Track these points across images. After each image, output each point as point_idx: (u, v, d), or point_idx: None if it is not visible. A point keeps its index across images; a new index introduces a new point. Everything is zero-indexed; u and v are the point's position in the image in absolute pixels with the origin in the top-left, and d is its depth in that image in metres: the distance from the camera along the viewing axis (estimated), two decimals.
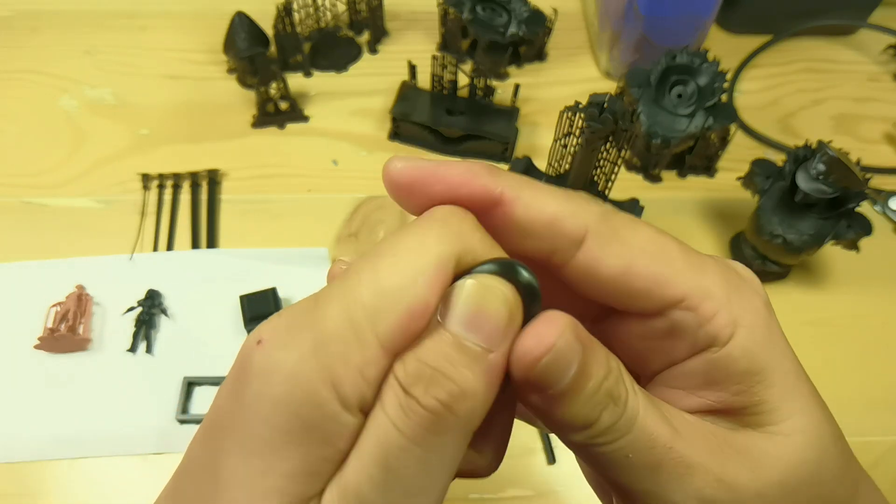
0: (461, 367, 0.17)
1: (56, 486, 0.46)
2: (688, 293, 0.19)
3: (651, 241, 0.19)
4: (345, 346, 0.16)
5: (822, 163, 0.49)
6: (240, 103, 0.66)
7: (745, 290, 0.20)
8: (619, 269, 0.19)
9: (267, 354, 0.17)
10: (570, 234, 0.19)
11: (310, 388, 0.16)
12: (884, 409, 0.52)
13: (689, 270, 0.19)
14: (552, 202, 0.19)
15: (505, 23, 0.65)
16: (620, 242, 0.19)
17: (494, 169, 0.19)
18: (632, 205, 0.53)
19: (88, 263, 0.55)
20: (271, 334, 0.17)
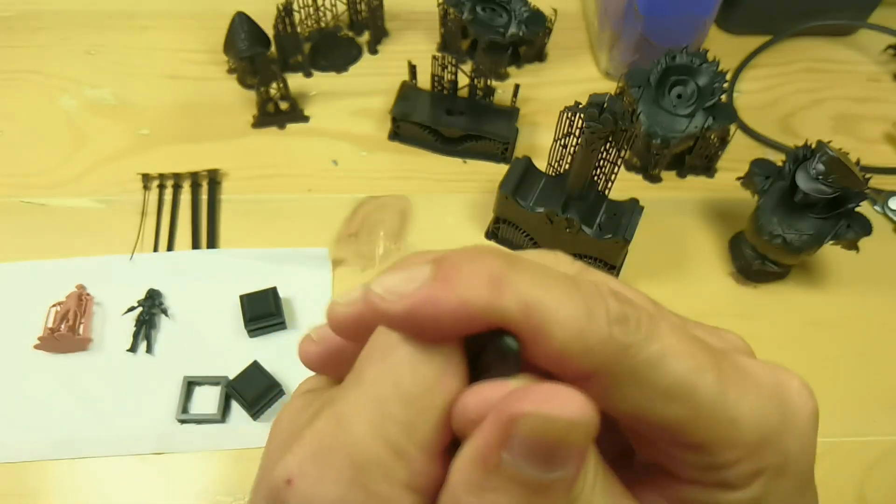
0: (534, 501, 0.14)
1: (56, 486, 0.46)
2: (709, 440, 0.16)
3: (679, 380, 0.16)
4: (388, 468, 0.15)
5: (822, 163, 0.49)
6: (240, 103, 0.66)
7: (788, 431, 0.17)
8: (628, 412, 0.16)
9: (303, 496, 0.15)
10: (575, 375, 0.15)
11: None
12: (884, 409, 0.52)
13: (717, 412, 0.16)
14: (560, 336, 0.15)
15: (505, 23, 0.65)
16: (638, 385, 0.16)
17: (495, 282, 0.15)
18: (631, 204, 0.54)
19: (89, 263, 0.55)
20: (300, 469, 0.15)
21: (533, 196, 0.54)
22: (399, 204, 0.60)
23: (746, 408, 0.16)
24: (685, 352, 0.16)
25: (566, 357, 0.15)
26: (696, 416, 0.16)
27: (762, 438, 0.16)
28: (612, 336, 0.15)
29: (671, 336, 0.16)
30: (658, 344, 0.16)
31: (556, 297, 0.15)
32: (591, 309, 0.15)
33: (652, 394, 0.16)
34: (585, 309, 0.15)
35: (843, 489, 0.49)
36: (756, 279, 0.57)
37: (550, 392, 0.14)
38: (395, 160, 0.63)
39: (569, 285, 0.15)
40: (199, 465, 0.47)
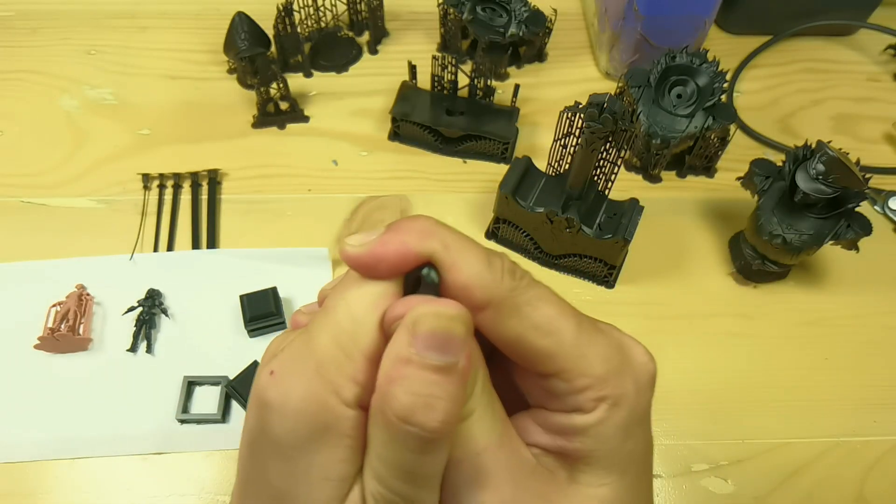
0: (447, 385, 0.20)
1: (56, 486, 0.46)
2: (564, 368, 0.22)
3: (547, 319, 0.22)
4: (339, 364, 0.21)
5: (822, 163, 0.49)
6: (240, 103, 0.66)
7: (623, 375, 0.23)
8: (510, 339, 0.22)
9: (280, 383, 0.21)
10: (475, 303, 0.22)
11: (319, 398, 0.21)
12: (884, 409, 0.52)
13: (574, 348, 0.22)
14: (464, 272, 0.22)
15: (505, 23, 0.65)
16: (517, 318, 0.22)
17: (425, 230, 0.22)
18: (631, 204, 0.54)
19: (89, 263, 0.55)
20: (280, 366, 0.22)
21: (533, 196, 0.54)
22: (399, 204, 0.60)
23: (595, 349, 0.22)
24: (554, 303, 0.22)
25: (470, 287, 0.21)
26: (558, 349, 0.22)
27: (606, 373, 0.22)
28: (502, 279, 0.22)
29: (545, 291, 0.23)
30: (535, 292, 0.22)
31: (467, 246, 0.22)
32: (490, 259, 0.22)
33: (528, 326, 0.22)
34: (486, 257, 0.22)
35: (843, 489, 0.49)
36: (756, 279, 0.57)
37: (439, 300, 0.21)
38: (395, 160, 0.63)
39: (477, 244, 0.22)
40: (199, 465, 0.47)
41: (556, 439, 0.23)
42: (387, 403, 0.20)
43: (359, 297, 0.22)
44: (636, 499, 0.24)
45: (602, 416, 0.22)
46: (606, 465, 0.23)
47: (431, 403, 0.19)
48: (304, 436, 0.21)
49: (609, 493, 0.23)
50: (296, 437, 0.21)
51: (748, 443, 0.50)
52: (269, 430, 0.21)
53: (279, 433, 0.21)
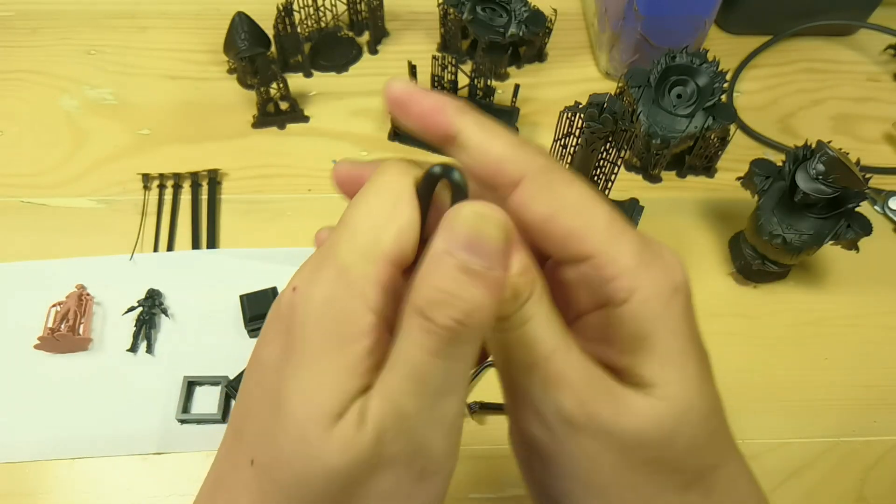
0: (470, 287, 0.20)
1: (56, 486, 0.46)
2: (597, 252, 0.21)
3: (580, 199, 0.22)
4: (361, 268, 0.21)
5: (822, 163, 0.49)
6: (240, 103, 0.66)
7: (656, 267, 0.22)
8: (543, 216, 0.21)
9: (304, 292, 0.21)
10: (509, 177, 0.21)
11: (341, 303, 0.20)
12: (884, 409, 0.52)
13: (606, 234, 0.21)
14: (499, 146, 0.22)
15: (505, 23, 0.65)
16: (551, 193, 0.21)
17: (462, 108, 0.22)
18: (631, 204, 0.54)
19: (89, 263, 0.55)
20: (302, 280, 0.22)
21: None
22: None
23: (626, 238, 0.21)
24: (586, 187, 0.22)
25: (504, 160, 0.21)
26: (590, 230, 0.21)
27: (636, 264, 0.21)
28: (537, 156, 0.22)
29: (576, 177, 0.22)
30: (567, 174, 0.22)
31: (497, 125, 0.22)
32: (523, 140, 0.22)
33: (561, 204, 0.21)
34: (517, 136, 0.22)
35: (843, 489, 0.49)
36: (756, 279, 0.57)
37: (477, 202, 0.20)
38: None
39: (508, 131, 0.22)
40: (199, 465, 0.47)
41: (600, 349, 0.22)
42: (413, 294, 0.20)
43: (377, 203, 0.22)
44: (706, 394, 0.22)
45: (634, 308, 0.21)
46: (663, 361, 0.21)
47: (451, 302, 0.19)
48: (320, 342, 0.20)
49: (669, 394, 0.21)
50: (316, 343, 0.20)
51: (748, 443, 0.50)
52: (289, 342, 0.21)
53: (294, 341, 0.21)
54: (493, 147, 0.22)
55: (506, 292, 0.21)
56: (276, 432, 0.21)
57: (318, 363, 0.20)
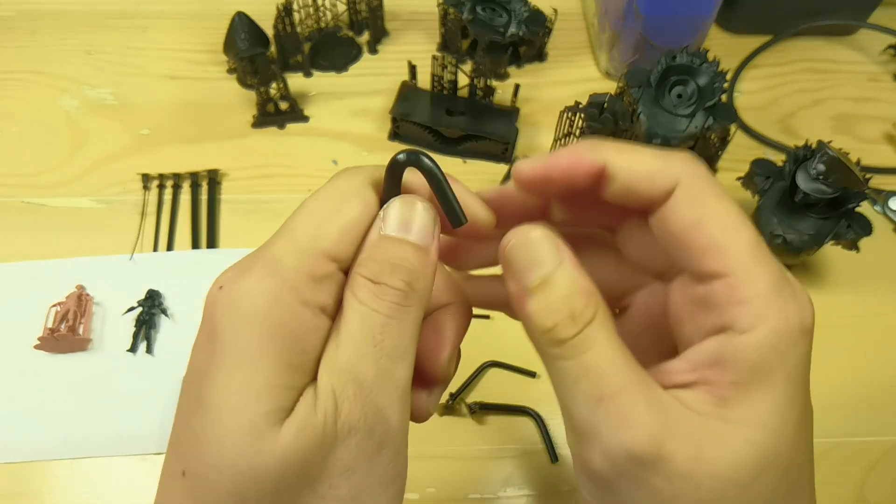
0: (412, 254, 0.22)
1: (56, 486, 0.46)
2: (734, 271, 0.21)
3: (728, 215, 0.21)
4: (293, 261, 0.21)
5: (822, 163, 0.49)
6: (240, 103, 0.66)
7: (790, 303, 0.21)
8: (689, 223, 0.21)
9: (230, 290, 0.21)
10: (662, 187, 0.22)
11: (272, 297, 0.21)
12: (884, 409, 0.52)
13: (747, 255, 0.21)
14: (647, 160, 0.22)
15: (505, 23, 0.65)
16: (702, 202, 0.21)
17: (595, 144, 0.23)
18: None
19: (88, 263, 0.55)
20: (228, 276, 0.22)
21: None
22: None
23: (766, 266, 0.21)
24: (735, 206, 0.22)
25: (653, 172, 0.22)
26: (733, 247, 0.21)
27: (772, 293, 0.20)
28: (688, 164, 0.22)
29: (726, 193, 0.22)
30: (718, 187, 0.22)
31: (638, 146, 0.23)
32: (670, 152, 0.22)
33: (709, 214, 0.21)
34: (667, 151, 0.22)
35: (843, 489, 0.49)
36: None
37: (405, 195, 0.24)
38: None
39: (651, 148, 0.23)
40: None
41: (701, 369, 0.21)
42: (358, 268, 0.22)
43: (319, 204, 0.23)
44: (792, 449, 0.21)
45: (759, 338, 0.20)
46: (755, 399, 0.20)
47: (399, 266, 0.22)
48: (256, 339, 0.20)
49: (765, 439, 0.20)
50: (247, 343, 0.20)
51: None
52: (216, 343, 0.21)
53: (226, 342, 0.20)
54: (641, 163, 0.22)
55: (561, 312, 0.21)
56: (204, 439, 0.20)
57: (248, 363, 0.20)
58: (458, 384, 0.50)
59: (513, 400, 0.50)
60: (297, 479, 0.20)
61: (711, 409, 0.21)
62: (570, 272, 0.22)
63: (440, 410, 0.49)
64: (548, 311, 0.22)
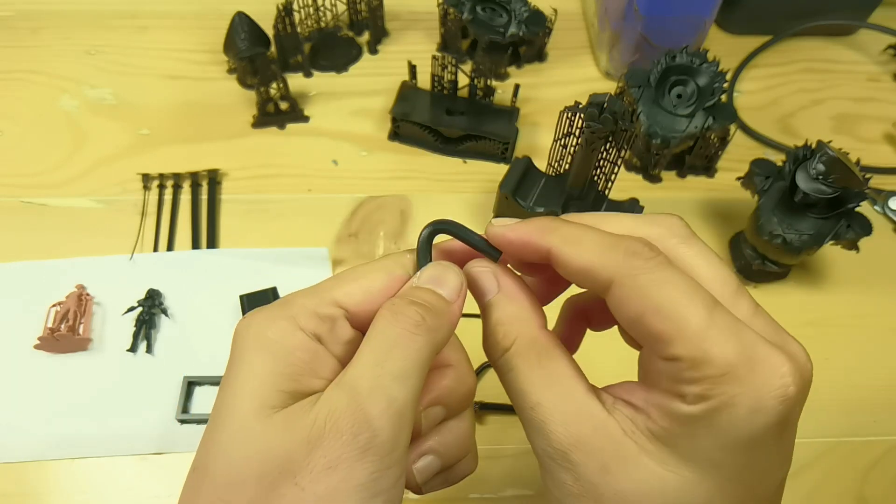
0: (432, 297, 0.25)
1: (56, 486, 0.46)
2: (680, 356, 0.22)
3: (671, 303, 0.22)
4: (303, 299, 0.25)
5: (822, 163, 0.49)
6: (240, 103, 0.66)
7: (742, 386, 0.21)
8: (630, 318, 0.23)
9: (248, 320, 0.25)
10: (600, 283, 0.24)
11: (273, 321, 0.24)
12: (884, 409, 0.52)
13: (693, 339, 0.21)
14: (585, 256, 0.24)
15: (505, 23, 0.65)
16: (638, 296, 0.22)
17: (550, 227, 0.25)
18: (631, 205, 0.54)
19: (88, 263, 0.55)
20: (252, 311, 0.26)
21: (533, 196, 0.54)
22: (399, 204, 0.60)
23: (719, 347, 0.21)
24: (685, 290, 0.22)
25: (588, 269, 0.24)
26: (676, 334, 0.21)
27: (719, 375, 0.21)
28: (624, 260, 0.23)
29: (679, 277, 0.22)
30: (664, 274, 0.22)
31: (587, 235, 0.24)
32: (614, 243, 0.24)
33: (649, 306, 0.22)
34: (608, 242, 0.24)
35: (843, 489, 0.49)
36: (756, 279, 0.57)
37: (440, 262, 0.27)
38: (395, 160, 0.63)
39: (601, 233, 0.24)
40: None
41: (650, 410, 0.23)
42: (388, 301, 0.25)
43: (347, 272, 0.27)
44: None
45: (698, 413, 0.21)
46: (684, 458, 0.22)
47: (417, 302, 0.25)
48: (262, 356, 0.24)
49: (675, 482, 0.22)
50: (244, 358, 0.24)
51: None
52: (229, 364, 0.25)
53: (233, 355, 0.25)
54: (579, 258, 0.24)
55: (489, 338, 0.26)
56: (207, 437, 0.24)
57: (246, 371, 0.24)
58: None
59: None
60: (280, 466, 0.22)
61: (638, 435, 0.23)
62: (500, 303, 0.26)
63: None
64: (484, 335, 0.27)
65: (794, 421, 0.22)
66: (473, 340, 0.55)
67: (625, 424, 0.23)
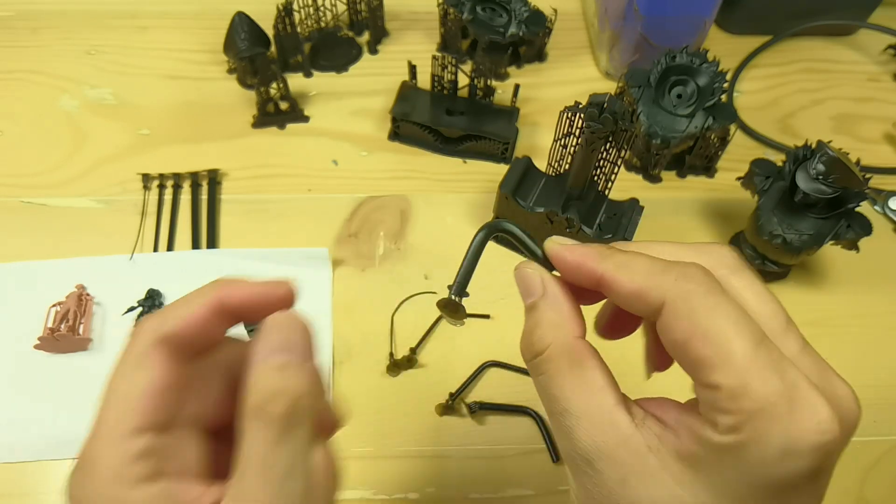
0: (293, 378, 0.24)
1: (56, 486, 0.46)
2: (719, 384, 0.21)
3: (718, 331, 0.22)
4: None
5: (822, 163, 0.49)
6: (240, 103, 0.66)
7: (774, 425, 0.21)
8: (679, 341, 0.22)
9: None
10: (650, 306, 0.23)
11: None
12: (884, 409, 0.52)
13: (736, 370, 0.21)
14: (637, 280, 0.24)
15: (505, 23, 0.65)
16: (689, 320, 0.22)
17: (603, 253, 0.25)
18: (631, 204, 0.54)
19: (89, 263, 0.55)
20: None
21: (533, 196, 0.54)
22: (399, 204, 0.60)
23: (760, 382, 0.21)
24: (734, 319, 0.22)
25: (639, 292, 0.24)
26: (719, 363, 0.21)
27: (756, 410, 0.21)
28: (675, 282, 0.23)
29: (730, 305, 0.22)
30: (716, 300, 0.22)
31: (636, 260, 0.24)
32: (665, 267, 0.24)
33: (696, 332, 0.22)
34: (657, 267, 0.24)
35: (843, 489, 0.49)
36: None
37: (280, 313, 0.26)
38: (395, 160, 0.63)
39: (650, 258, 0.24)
40: None
41: (681, 430, 0.23)
42: (247, 398, 0.23)
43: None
44: None
45: (728, 443, 0.21)
46: (706, 486, 0.22)
47: (280, 393, 0.23)
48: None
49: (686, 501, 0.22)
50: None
51: None
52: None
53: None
54: (630, 283, 0.24)
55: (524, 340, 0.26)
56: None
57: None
58: (459, 384, 0.50)
59: (513, 400, 0.50)
60: None
61: (663, 453, 0.23)
62: (541, 307, 0.26)
63: (440, 410, 0.49)
64: (522, 335, 0.27)
65: (829, 468, 0.22)
66: (476, 338, 0.54)
67: (650, 440, 0.23)
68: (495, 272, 0.40)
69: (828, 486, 0.24)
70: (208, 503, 0.23)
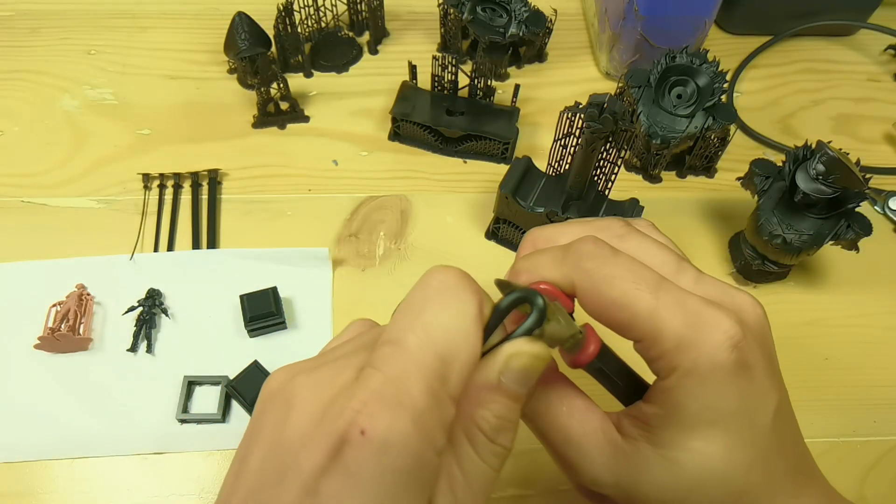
0: (516, 412, 0.24)
1: (56, 486, 0.46)
2: (643, 337, 0.25)
3: (622, 294, 0.24)
4: (435, 414, 0.22)
5: (822, 163, 0.49)
6: (240, 103, 0.66)
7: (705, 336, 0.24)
8: (598, 314, 0.26)
9: (374, 439, 0.20)
10: (568, 291, 0.26)
11: (416, 451, 0.21)
12: (884, 409, 0.52)
13: (648, 318, 0.24)
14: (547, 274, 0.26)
15: (505, 23, 0.65)
16: (597, 294, 0.25)
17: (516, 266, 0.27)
18: (631, 204, 0.54)
19: (89, 263, 0.55)
20: (371, 421, 0.21)
21: (533, 196, 0.54)
22: (399, 204, 0.60)
23: (669, 322, 0.24)
24: (630, 279, 0.24)
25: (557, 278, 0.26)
26: (633, 320, 0.25)
27: (677, 345, 0.24)
28: (578, 266, 0.25)
29: (623, 268, 0.25)
30: (611, 270, 0.25)
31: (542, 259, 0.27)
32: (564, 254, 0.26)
33: (606, 302, 0.25)
34: (560, 255, 0.26)
35: (843, 489, 0.49)
36: (756, 279, 0.57)
37: (522, 341, 0.24)
38: (395, 160, 0.63)
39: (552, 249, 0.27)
40: (199, 465, 0.47)
41: (642, 406, 0.26)
42: (479, 420, 0.23)
43: (444, 339, 0.22)
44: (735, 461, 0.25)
45: (674, 383, 0.24)
46: (684, 429, 0.25)
47: (508, 427, 0.24)
48: (396, 491, 0.21)
49: (693, 460, 0.25)
50: (388, 493, 0.21)
51: None
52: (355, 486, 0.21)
53: (368, 490, 0.20)
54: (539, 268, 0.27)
55: None
56: None
57: None
58: None
59: None
60: None
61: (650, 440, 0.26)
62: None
63: None
64: None
65: (755, 360, 0.25)
66: None
67: (631, 429, 0.26)
68: (497, 273, 0.40)
69: (777, 370, 0.27)
70: None
